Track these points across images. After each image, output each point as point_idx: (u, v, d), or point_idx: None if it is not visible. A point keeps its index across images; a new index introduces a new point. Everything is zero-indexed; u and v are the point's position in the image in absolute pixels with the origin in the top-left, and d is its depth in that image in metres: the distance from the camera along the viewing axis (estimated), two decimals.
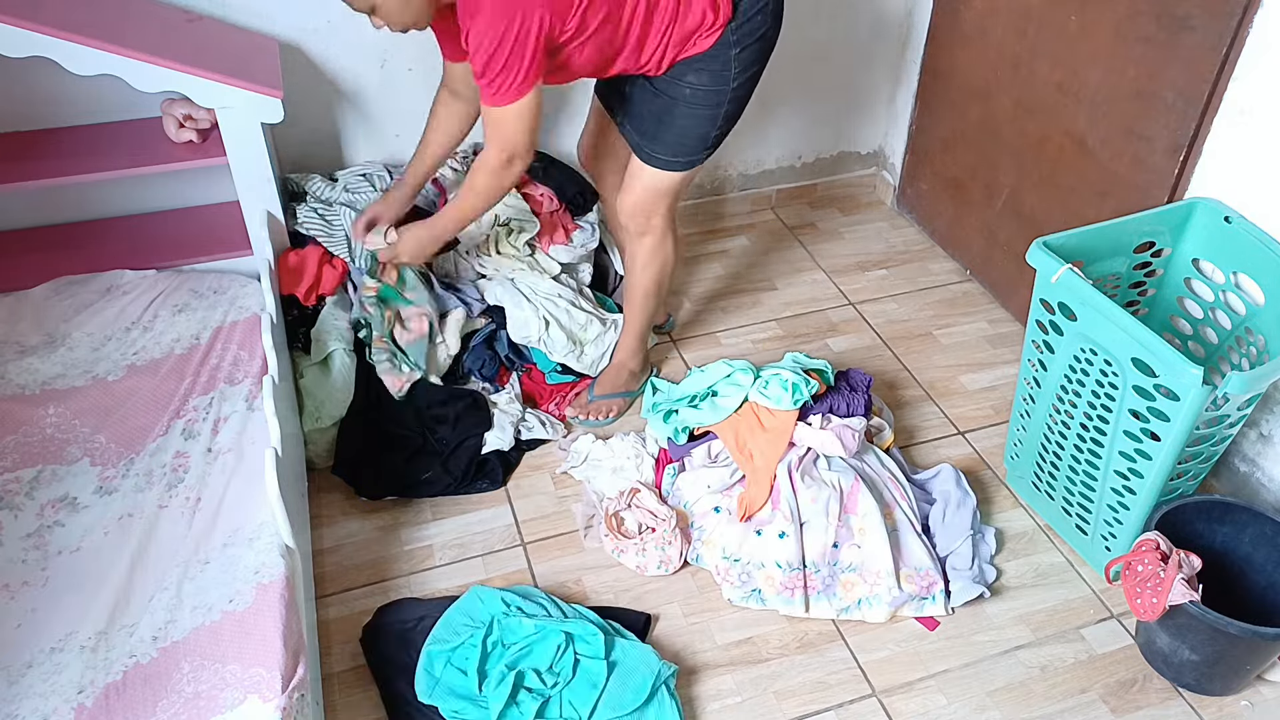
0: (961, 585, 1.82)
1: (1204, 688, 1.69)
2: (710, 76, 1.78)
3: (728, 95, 1.81)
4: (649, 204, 1.95)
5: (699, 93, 1.80)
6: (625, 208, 1.98)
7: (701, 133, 1.85)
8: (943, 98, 2.62)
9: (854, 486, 1.85)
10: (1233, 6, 1.75)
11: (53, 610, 1.48)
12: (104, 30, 1.86)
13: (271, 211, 2.14)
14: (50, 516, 1.64)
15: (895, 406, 2.26)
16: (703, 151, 1.89)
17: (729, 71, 1.78)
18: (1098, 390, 1.70)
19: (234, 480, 1.68)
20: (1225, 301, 1.84)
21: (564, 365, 2.23)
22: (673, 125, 1.84)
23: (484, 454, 2.05)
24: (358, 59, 2.31)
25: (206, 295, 2.11)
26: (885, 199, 2.99)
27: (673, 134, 1.85)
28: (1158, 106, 1.95)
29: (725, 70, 1.78)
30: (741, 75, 1.80)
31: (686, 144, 1.86)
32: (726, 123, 1.86)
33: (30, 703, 1.35)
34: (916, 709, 1.68)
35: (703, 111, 1.82)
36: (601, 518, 1.92)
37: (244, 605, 1.45)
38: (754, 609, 1.82)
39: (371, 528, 1.96)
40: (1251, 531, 1.74)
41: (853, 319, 2.54)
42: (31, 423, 1.79)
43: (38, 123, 2.16)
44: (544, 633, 1.63)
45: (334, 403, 2.02)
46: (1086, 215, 2.16)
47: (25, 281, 2.11)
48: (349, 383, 2.04)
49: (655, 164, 1.90)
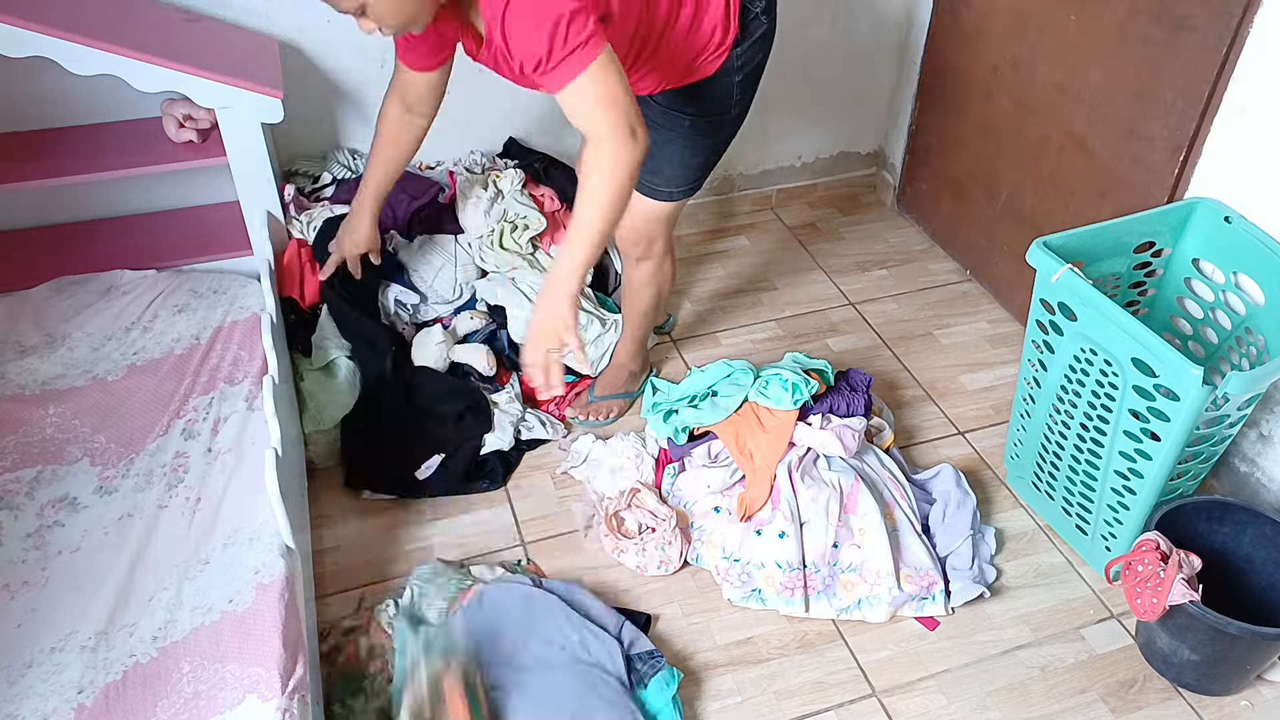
0: (961, 585, 1.82)
1: (1204, 688, 1.69)
2: (711, 105, 1.77)
3: (727, 122, 1.81)
4: (649, 232, 1.94)
5: (699, 123, 1.78)
6: (625, 236, 1.95)
7: (701, 161, 1.84)
8: (943, 98, 2.62)
9: (854, 486, 1.85)
10: (1233, 6, 1.75)
11: (53, 610, 1.48)
12: (104, 30, 1.86)
13: (271, 211, 2.14)
14: (50, 516, 1.64)
15: (895, 406, 2.26)
16: (700, 178, 1.88)
17: (730, 99, 1.77)
18: (1098, 390, 1.70)
19: (234, 480, 1.68)
20: (1225, 301, 1.84)
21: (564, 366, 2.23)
22: (672, 157, 1.82)
23: (484, 454, 2.05)
24: (358, 59, 2.31)
25: (206, 295, 2.11)
26: (885, 199, 2.99)
27: (672, 165, 1.83)
28: (1158, 106, 1.95)
29: (727, 98, 1.77)
30: (740, 104, 1.80)
31: (686, 174, 1.85)
32: (723, 146, 1.86)
33: (30, 703, 1.35)
34: (916, 709, 1.68)
35: (702, 141, 1.81)
36: (601, 518, 1.92)
37: (244, 605, 1.45)
38: (754, 609, 1.82)
39: (371, 528, 1.95)
40: (1251, 531, 1.74)
41: (853, 319, 2.54)
42: (31, 423, 1.79)
43: (38, 123, 2.16)
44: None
45: (336, 405, 2.02)
46: (1086, 215, 2.17)
47: (25, 281, 2.11)
48: (354, 386, 2.04)
49: (656, 196, 1.88)
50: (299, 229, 2.21)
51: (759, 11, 1.72)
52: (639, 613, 1.79)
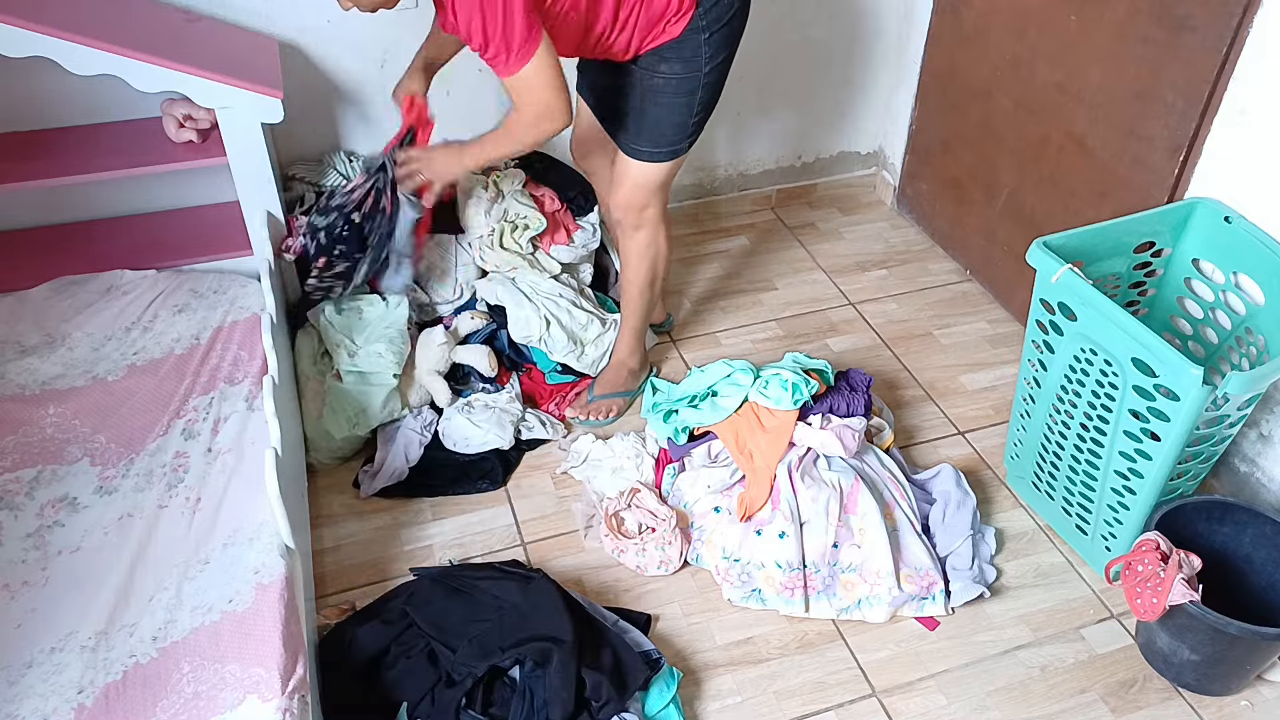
0: (961, 585, 1.82)
1: (1204, 688, 1.69)
2: (682, 65, 1.80)
3: (700, 82, 1.83)
4: (640, 198, 1.97)
5: (672, 81, 1.82)
6: (617, 204, 2.00)
7: (678, 121, 1.87)
8: (943, 98, 2.62)
9: (854, 486, 1.85)
10: (1233, 6, 1.75)
11: (53, 610, 1.48)
12: (104, 30, 1.86)
13: (271, 211, 2.14)
14: (50, 516, 1.64)
15: (895, 406, 2.26)
16: (684, 140, 1.90)
17: (699, 58, 1.79)
18: (1098, 390, 1.70)
19: (234, 480, 1.68)
20: (1225, 301, 1.84)
21: (564, 365, 2.23)
22: (650, 116, 1.86)
23: (484, 454, 2.05)
24: (358, 59, 2.31)
25: (206, 295, 2.11)
26: (885, 199, 2.99)
27: (651, 125, 1.87)
28: (1158, 106, 1.95)
29: (696, 57, 1.79)
30: (712, 61, 1.81)
31: (666, 134, 1.88)
32: (703, 110, 1.88)
33: (30, 703, 1.35)
34: (916, 709, 1.68)
35: (678, 100, 1.84)
36: (601, 518, 1.92)
37: (244, 605, 1.45)
38: (754, 609, 1.82)
39: (371, 528, 1.96)
40: (1251, 531, 1.74)
41: (853, 319, 2.54)
42: (31, 423, 1.79)
43: (38, 123, 2.16)
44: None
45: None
46: (1086, 215, 2.17)
47: (25, 281, 2.11)
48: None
49: (640, 157, 1.92)
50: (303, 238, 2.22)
51: None
52: (639, 613, 1.79)
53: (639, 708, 1.59)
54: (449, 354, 2.13)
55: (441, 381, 2.11)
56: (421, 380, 2.11)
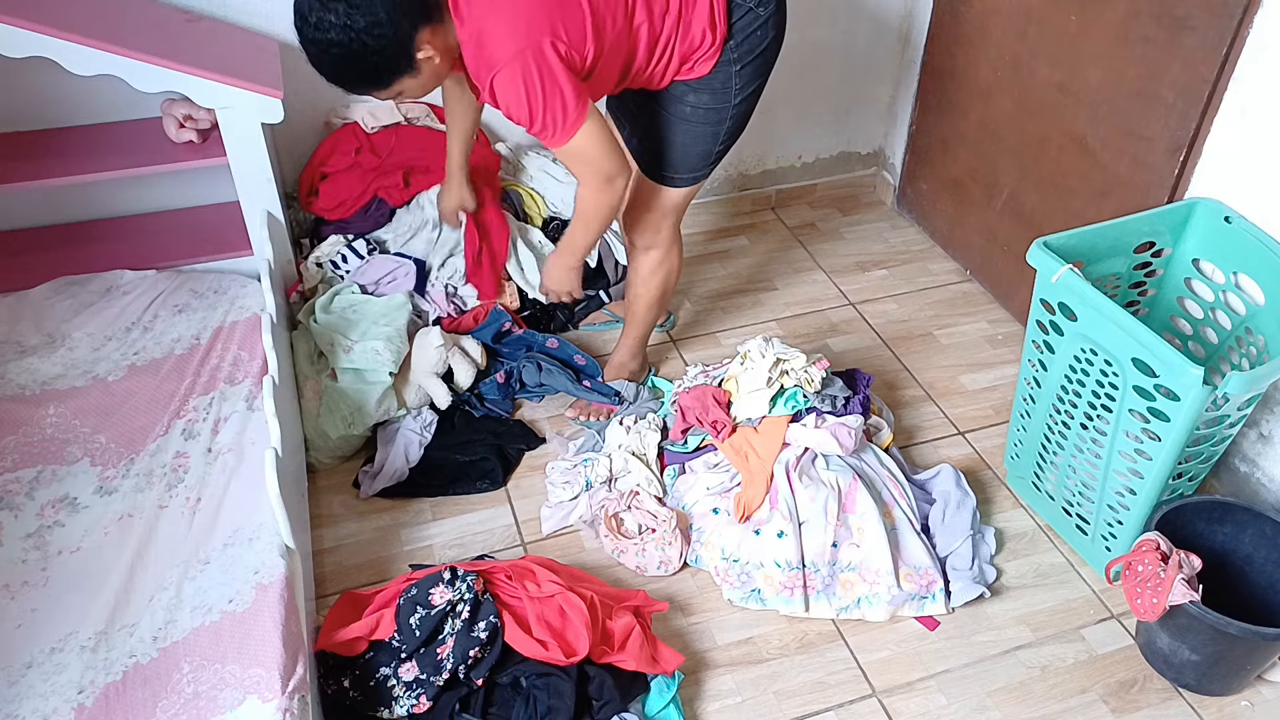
0: (961, 585, 1.82)
1: (1204, 688, 1.69)
2: (711, 95, 1.78)
3: (729, 113, 1.81)
4: (655, 219, 1.96)
5: (699, 111, 1.80)
6: (632, 222, 1.99)
7: (703, 150, 1.85)
8: (943, 98, 2.62)
9: (852, 485, 1.85)
10: (1233, 7, 1.75)
11: (53, 610, 1.48)
12: (104, 30, 1.86)
13: (271, 212, 2.14)
14: (50, 516, 1.64)
15: (895, 406, 2.26)
16: (705, 167, 1.89)
17: (730, 89, 1.78)
18: (1098, 390, 1.70)
19: (234, 480, 1.68)
20: (1225, 301, 1.84)
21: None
22: (675, 143, 1.84)
23: (484, 454, 2.05)
24: None
25: (206, 295, 2.11)
26: (885, 199, 2.99)
27: (675, 152, 1.85)
28: (1158, 106, 1.95)
29: (726, 88, 1.77)
30: (742, 92, 1.80)
31: (689, 161, 1.87)
32: (729, 139, 1.86)
33: (30, 703, 1.35)
34: (916, 709, 1.68)
35: (705, 129, 1.82)
36: (602, 518, 1.92)
37: (244, 605, 1.45)
38: (754, 609, 1.82)
39: (371, 528, 1.96)
40: (1251, 531, 1.74)
41: (853, 319, 2.54)
42: (31, 423, 1.79)
43: (38, 123, 2.16)
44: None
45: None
46: (1086, 215, 2.17)
47: (25, 281, 2.11)
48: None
49: (661, 181, 1.91)
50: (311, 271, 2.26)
51: (752, 5, 1.73)
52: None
53: (639, 708, 1.59)
54: (446, 355, 2.13)
55: (440, 383, 2.11)
56: (420, 382, 2.11)
